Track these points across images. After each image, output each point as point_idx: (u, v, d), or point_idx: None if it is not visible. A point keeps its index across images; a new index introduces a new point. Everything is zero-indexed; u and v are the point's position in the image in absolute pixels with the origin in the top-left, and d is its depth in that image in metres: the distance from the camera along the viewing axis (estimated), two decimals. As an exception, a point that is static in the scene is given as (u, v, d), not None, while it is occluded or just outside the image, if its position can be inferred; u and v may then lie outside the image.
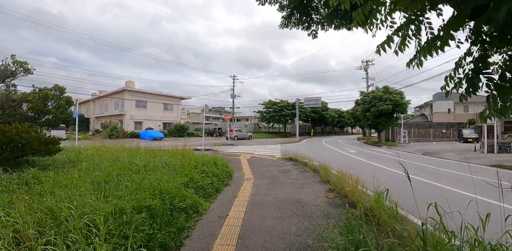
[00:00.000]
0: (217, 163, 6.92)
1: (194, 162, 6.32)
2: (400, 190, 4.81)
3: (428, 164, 11.55)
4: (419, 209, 3.02)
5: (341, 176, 6.10)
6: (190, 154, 7.65)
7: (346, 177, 6.10)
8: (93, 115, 43.94)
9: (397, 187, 6.33)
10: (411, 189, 3.21)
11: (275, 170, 8.65)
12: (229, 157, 12.03)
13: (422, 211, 2.94)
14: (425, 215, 2.73)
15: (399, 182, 7.15)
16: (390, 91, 25.18)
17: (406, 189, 6.57)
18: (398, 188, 5.23)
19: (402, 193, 5.76)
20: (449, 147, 21.90)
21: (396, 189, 5.30)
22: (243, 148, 19.13)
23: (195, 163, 6.21)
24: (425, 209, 2.75)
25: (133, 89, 34.49)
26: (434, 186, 6.87)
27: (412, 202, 2.89)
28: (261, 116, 42.35)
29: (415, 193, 3.89)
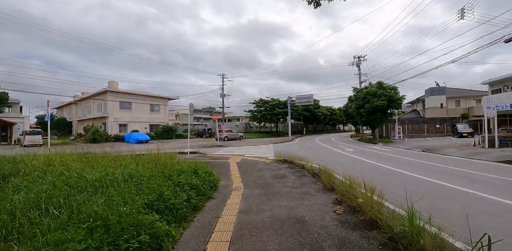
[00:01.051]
0: (198, 170, 5.71)
1: (169, 171, 5.10)
2: (426, 199, 3.78)
3: (433, 161, 10.65)
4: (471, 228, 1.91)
5: (349, 183, 5.01)
6: (167, 160, 6.42)
7: (355, 183, 5.03)
8: (75, 119, 41.82)
9: (417, 194, 5.28)
10: (436, 196, 2.17)
11: (268, 175, 7.52)
12: (216, 160, 10.83)
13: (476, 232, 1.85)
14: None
15: (417, 187, 6.11)
16: (384, 86, 24.45)
17: (431, 197, 5.35)
18: (421, 196, 4.22)
19: (430, 203, 4.72)
20: (446, 142, 21.31)
21: (420, 198, 4.26)
22: (234, 149, 17.93)
23: (169, 173, 5.00)
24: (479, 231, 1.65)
25: (116, 90, 32.73)
26: (461, 191, 5.85)
27: (449, 217, 1.91)
28: (252, 116, 41.20)
29: (448, 203, 2.81)
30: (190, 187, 4.61)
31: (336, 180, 6.04)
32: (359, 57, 31.63)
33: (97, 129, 28.02)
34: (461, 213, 4.31)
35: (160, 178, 4.52)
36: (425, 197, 4.94)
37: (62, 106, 49.14)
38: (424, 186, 6.26)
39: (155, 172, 4.89)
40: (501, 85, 28.53)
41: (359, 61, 31.47)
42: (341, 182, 5.56)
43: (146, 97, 35.56)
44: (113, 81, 35.51)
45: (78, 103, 41.90)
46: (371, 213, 3.66)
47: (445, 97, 33.83)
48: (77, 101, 41.22)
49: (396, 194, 5.14)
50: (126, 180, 4.22)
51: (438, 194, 5.57)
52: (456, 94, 36.62)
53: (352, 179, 5.11)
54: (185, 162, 6.60)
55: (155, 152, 9.60)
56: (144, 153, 9.74)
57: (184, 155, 13.34)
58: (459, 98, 36.39)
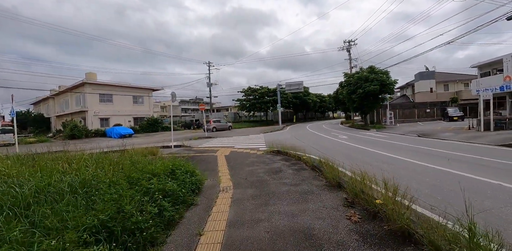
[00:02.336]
0: (176, 170, 4.69)
1: (138, 174, 4.07)
2: (458, 195, 2.97)
3: (434, 147, 10.03)
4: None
5: (362, 178, 4.14)
6: (140, 159, 5.36)
7: (367, 178, 4.17)
8: (53, 114, 39.44)
9: (443, 189, 4.49)
10: (471, 192, 1.50)
11: (261, 169, 6.60)
12: (202, 154, 9.82)
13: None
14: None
15: (436, 180, 5.30)
16: (376, 71, 23.69)
17: (456, 191, 4.17)
18: (452, 193, 3.41)
19: (476, 206, 3.84)
20: (438, 126, 21.01)
21: (446, 192, 3.44)
22: (222, 140, 16.92)
23: (138, 176, 3.97)
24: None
25: (95, 82, 30.62)
26: (487, 183, 5.11)
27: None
28: (241, 105, 39.99)
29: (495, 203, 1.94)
30: (164, 194, 3.60)
31: (341, 174, 5.18)
32: (349, 41, 30.61)
33: (75, 124, 26.22)
34: (497, 210, 3.52)
35: (124, 184, 3.49)
36: (454, 192, 4.15)
37: (39, 101, 46.22)
38: (444, 178, 5.49)
39: (120, 176, 3.84)
40: (490, 69, 28.35)
41: (349, 45, 30.48)
42: (349, 177, 4.70)
43: (128, 89, 33.57)
44: (91, 72, 33.17)
45: (55, 98, 39.38)
46: (400, 221, 2.80)
47: (434, 81, 33.58)
48: (54, 95, 38.70)
49: (418, 191, 4.34)
50: (76, 191, 3.17)
51: (471, 190, 4.80)
52: (445, 78, 36.48)
53: (363, 173, 4.24)
54: (162, 159, 5.55)
55: (133, 147, 8.55)
56: (120, 148, 8.69)
57: (168, 149, 12.26)
58: (448, 82, 36.29)
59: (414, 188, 4.39)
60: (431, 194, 4.39)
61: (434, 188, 4.75)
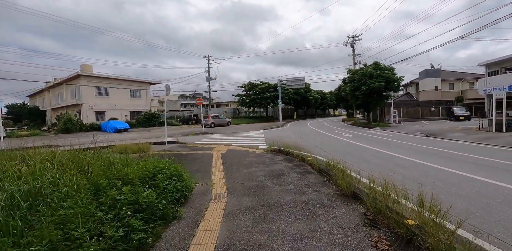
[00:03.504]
0: (158, 175, 3.89)
1: (107, 180, 3.28)
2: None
3: (445, 148, 9.26)
4: None
5: (384, 190, 3.37)
6: (117, 159, 4.55)
7: (391, 188, 3.40)
8: (49, 107, 38.52)
9: (477, 203, 3.61)
10: None
11: (261, 172, 5.82)
12: (197, 152, 9.03)
13: None
14: None
15: (467, 189, 4.51)
16: (381, 67, 22.81)
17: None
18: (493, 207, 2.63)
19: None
20: (445, 126, 20.23)
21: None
22: (220, 136, 16.13)
23: (107, 183, 3.18)
24: None
25: (90, 74, 29.67)
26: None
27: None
28: (241, 101, 39.11)
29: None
30: (136, 208, 2.82)
31: (355, 180, 4.40)
32: (353, 36, 29.60)
33: (69, 118, 25.35)
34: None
35: (83, 195, 2.70)
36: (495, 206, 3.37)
37: (34, 94, 45.18)
38: (472, 187, 4.72)
39: (83, 183, 3.05)
40: (498, 67, 27.42)
41: (354, 41, 29.50)
42: (366, 185, 3.93)
43: (125, 82, 32.62)
44: (87, 64, 32.17)
45: (50, 90, 38.42)
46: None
47: (440, 79, 32.70)
48: (49, 88, 37.69)
49: (463, 209, 3.55)
50: (18, 204, 2.39)
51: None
52: (450, 77, 35.59)
53: (386, 182, 3.47)
54: (145, 160, 4.74)
55: (130, 142, 7.79)
56: (107, 144, 7.95)
57: (161, 145, 11.48)
58: (453, 81, 35.43)
59: (446, 201, 3.60)
60: (480, 214, 3.53)
61: (477, 203, 3.95)
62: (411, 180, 5.03)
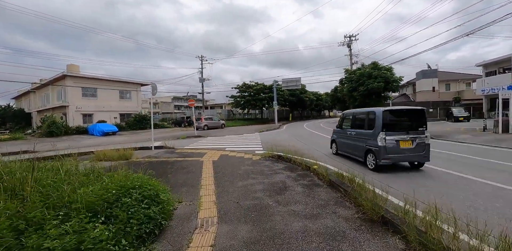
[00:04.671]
0: (123, 199, 2.87)
1: (40, 214, 2.27)
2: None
3: (458, 152, 8.46)
4: None
5: (432, 216, 2.45)
6: (75, 175, 3.53)
7: (439, 215, 2.49)
8: (34, 109, 36.85)
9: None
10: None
11: (259, 185, 4.85)
12: (186, 159, 7.99)
13: None
14: None
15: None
16: (379, 67, 22.21)
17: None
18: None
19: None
20: (446, 127, 19.57)
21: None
22: (213, 140, 15.11)
23: (40, 217, 2.17)
24: None
25: (77, 75, 28.30)
26: None
27: None
28: (235, 102, 38.07)
29: None
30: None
31: (380, 198, 3.47)
32: (350, 36, 28.96)
33: (53, 121, 23.97)
34: None
35: None
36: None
37: (20, 95, 43.44)
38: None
39: (10, 214, 2.04)
40: (496, 67, 27.15)
41: (350, 40, 28.86)
42: (398, 207, 3.00)
43: (115, 83, 31.28)
44: (73, 64, 30.77)
45: (36, 92, 36.78)
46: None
47: (437, 80, 32.30)
48: (35, 89, 36.07)
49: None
50: None
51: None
52: (446, 77, 35.29)
53: (431, 206, 2.55)
54: (112, 177, 3.70)
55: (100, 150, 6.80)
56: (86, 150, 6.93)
57: (147, 151, 10.41)
58: (449, 82, 35.14)
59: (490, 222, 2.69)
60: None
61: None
62: (443, 195, 4.13)
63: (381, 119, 5.98)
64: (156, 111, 68.86)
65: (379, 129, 5.95)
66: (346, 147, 7.74)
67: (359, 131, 7.00)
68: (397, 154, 5.82)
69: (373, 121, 6.31)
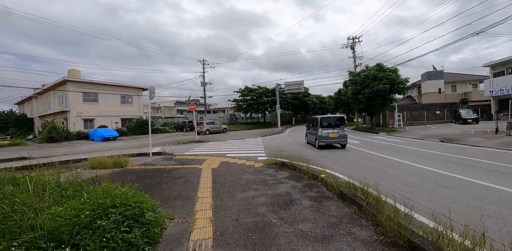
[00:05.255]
0: (99, 221, 2.40)
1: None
2: None
3: (475, 156, 7.89)
4: None
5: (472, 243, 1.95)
6: (49, 191, 3.07)
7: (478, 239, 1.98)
8: (36, 115, 36.80)
9: None
10: None
11: (262, 198, 4.35)
12: (183, 166, 7.51)
13: None
14: None
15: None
16: (384, 69, 21.65)
17: None
18: None
19: None
20: (456, 129, 18.92)
21: None
22: (214, 145, 14.66)
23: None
24: None
25: (78, 79, 28.18)
26: None
27: None
28: (237, 106, 37.69)
29: None
30: None
31: (403, 216, 2.96)
32: (353, 38, 28.53)
33: (53, 126, 23.72)
34: None
35: None
36: None
37: (23, 101, 43.51)
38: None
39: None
40: (504, 68, 26.48)
41: (354, 42, 28.41)
42: (426, 227, 2.49)
43: (116, 88, 31.09)
44: (74, 69, 30.70)
45: (38, 97, 36.79)
46: None
47: (443, 81, 31.65)
48: (37, 94, 36.05)
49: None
50: None
51: None
52: (452, 79, 34.63)
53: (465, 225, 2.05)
54: (90, 192, 3.23)
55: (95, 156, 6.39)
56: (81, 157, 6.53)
57: (144, 157, 9.97)
58: (455, 83, 34.44)
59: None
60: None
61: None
62: (477, 210, 3.61)
63: (320, 121, 11.15)
64: (159, 116, 68.82)
65: (319, 126, 11.05)
66: (309, 137, 13.17)
67: (313, 127, 12.09)
68: (328, 139, 10.88)
69: (317, 122, 11.30)
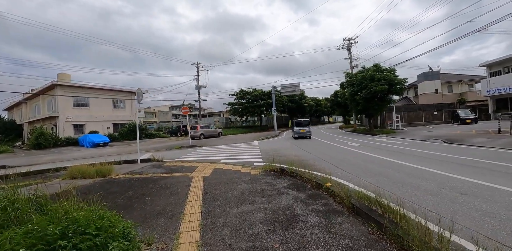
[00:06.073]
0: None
1: None
2: None
3: (486, 158, 7.35)
4: None
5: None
6: None
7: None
8: (25, 120, 35.66)
9: None
10: None
11: (259, 214, 3.69)
12: (172, 175, 6.81)
13: None
14: None
15: None
16: (382, 69, 21.28)
17: None
18: None
19: None
20: (455, 130, 18.51)
21: None
22: (208, 150, 13.96)
23: None
24: None
25: (68, 83, 27.31)
26: None
27: None
28: (233, 109, 37.07)
29: None
30: None
31: (441, 241, 2.34)
32: (349, 39, 28.25)
33: (41, 132, 22.78)
34: None
35: None
36: None
37: (12, 106, 42.32)
38: None
39: None
40: (500, 67, 26.35)
41: (350, 43, 28.12)
42: None
43: (107, 92, 30.28)
44: (64, 73, 29.78)
45: (27, 102, 35.74)
46: None
47: (440, 82, 31.49)
48: (25, 99, 35.05)
49: None
50: None
51: None
52: (448, 79, 34.56)
53: None
54: (45, 213, 2.56)
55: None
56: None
57: (131, 164, 9.24)
58: (451, 83, 34.35)
59: None
60: None
61: None
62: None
63: (295, 123, 19.55)
64: (154, 120, 67.79)
65: (294, 125, 19.51)
66: (292, 133, 19.86)
67: (293, 127, 19.79)
68: (300, 134, 18.78)
69: (293, 123, 19.74)
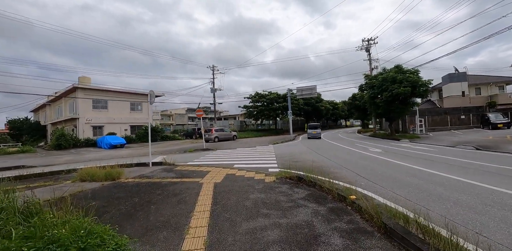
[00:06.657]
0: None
1: None
2: None
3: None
4: None
5: None
6: None
7: None
8: (49, 122, 37.13)
9: None
10: None
11: (273, 232, 3.19)
12: (182, 180, 6.42)
13: None
14: None
15: None
16: (404, 70, 20.21)
17: None
18: None
19: None
20: (486, 135, 17.13)
21: None
22: (222, 154, 13.60)
23: None
24: None
25: (88, 86, 28.08)
26: None
27: None
28: (248, 112, 36.75)
29: None
30: None
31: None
32: (368, 40, 27.25)
33: (62, 133, 23.45)
34: None
35: None
36: None
37: (37, 108, 44.37)
38: None
39: None
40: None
41: (369, 44, 27.12)
42: None
43: (125, 95, 30.93)
44: (85, 76, 30.76)
45: (51, 104, 37.24)
46: None
47: (466, 84, 29.62)
48: (50, 102, 36.52)
49: None
50: None
51: None
52: (475, 81, 32.45)
53: None
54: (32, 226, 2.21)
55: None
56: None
57: (143, 167, 9.01)
58: (479, 85, 32.22)
59: None
60: None
61: None
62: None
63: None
64: (171, 123, 68.91)
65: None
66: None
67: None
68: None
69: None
